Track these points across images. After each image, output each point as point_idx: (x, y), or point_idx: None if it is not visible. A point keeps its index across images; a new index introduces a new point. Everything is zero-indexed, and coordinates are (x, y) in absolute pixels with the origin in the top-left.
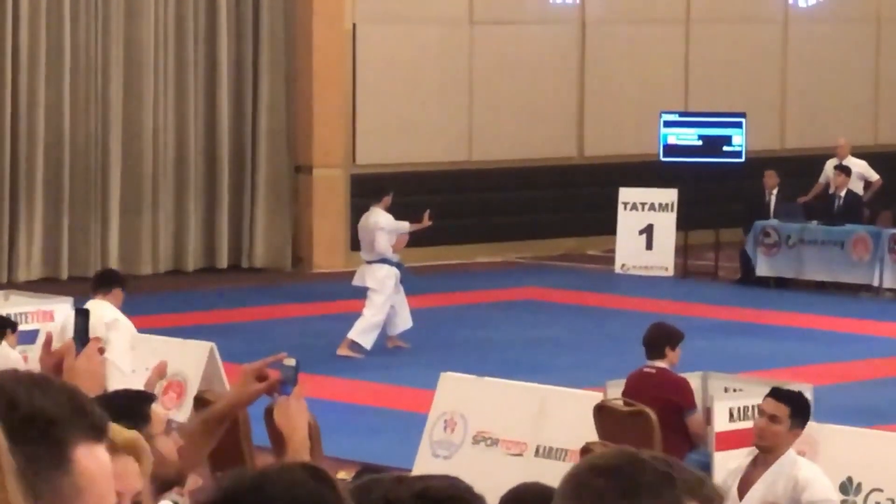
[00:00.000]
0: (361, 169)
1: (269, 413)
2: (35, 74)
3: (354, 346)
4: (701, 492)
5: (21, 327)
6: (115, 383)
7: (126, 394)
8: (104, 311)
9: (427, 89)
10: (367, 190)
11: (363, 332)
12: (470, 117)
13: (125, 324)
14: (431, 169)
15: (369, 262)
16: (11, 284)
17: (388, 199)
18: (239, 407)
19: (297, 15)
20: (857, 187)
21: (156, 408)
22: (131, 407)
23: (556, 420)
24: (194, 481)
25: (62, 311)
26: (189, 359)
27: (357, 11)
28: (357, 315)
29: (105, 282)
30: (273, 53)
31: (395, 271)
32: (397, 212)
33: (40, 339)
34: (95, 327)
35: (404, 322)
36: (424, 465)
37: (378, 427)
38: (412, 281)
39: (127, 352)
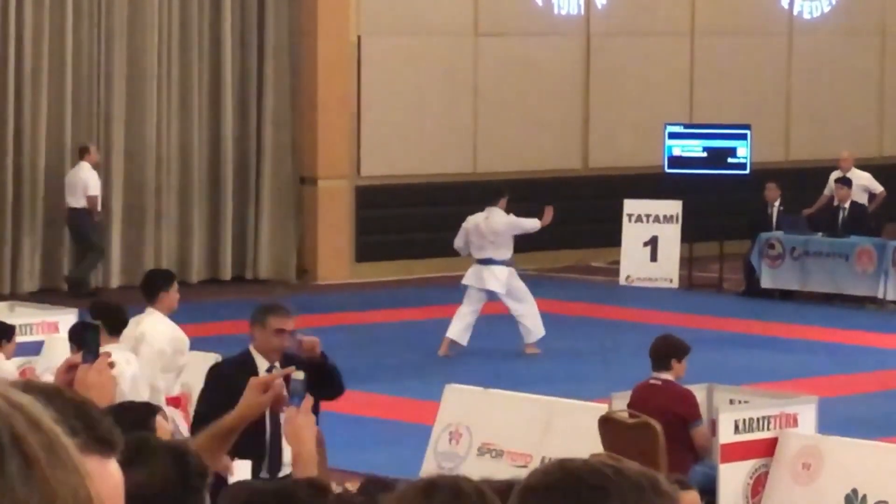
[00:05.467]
0: (366, 181)
1: None
2: (38, 86)
3: (535, 344)
4: (643, 500)
5: (25, 338)
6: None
7: (131, 406)
8: (138, 325)
9: (432, 101)
10: (371, 201)
11: (534, 327)
12: (474, 129)
13: (155, 337)
14: (436, 181)
15: (486, 264)
16: (15, 296)
17: (504, 201)
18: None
19: (302, 27)
20: (862, 199)
21: (160, 419)
22: (136, 418)
23: (561, 432)
24: None
25: (66, 322)
26: (195, 370)
27: (362, 24)
28: (361, 326)
29: (146, 291)
30: (278, 65)
31: (514, 271)
32: (402, 223)
33: (45, 352)
34: (128, 340)
35: (464, 332)
36: None
37: (383, 439)
38: (419, 292)
39: (154, 366)
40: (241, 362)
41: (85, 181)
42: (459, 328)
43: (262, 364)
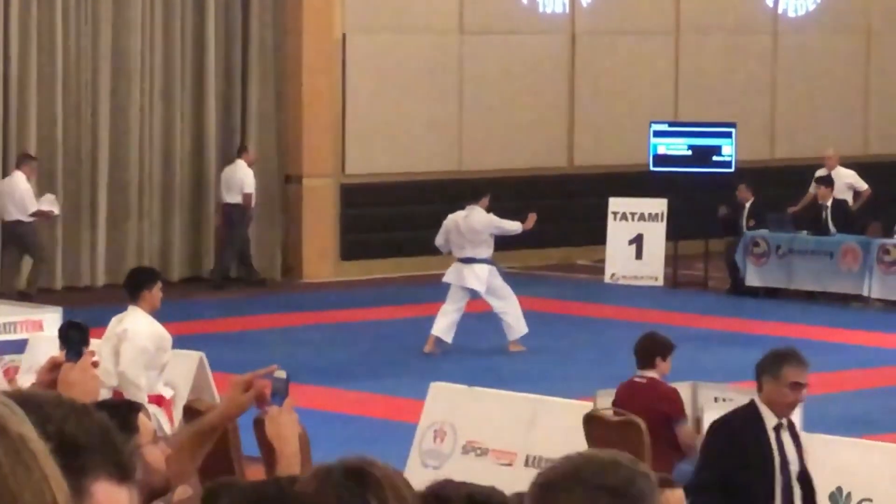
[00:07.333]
0: (351, 179)
1: (258, 423)
2: (26, 85)
3: (518, 341)
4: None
5: (10, 336)
6: (130, 397)
7: (113, 403)
8: (120, 322)
9: (417, 99)
10: (356, 200)
11: (516, 324)
12: (460, 127)
13: (137, 334)
14: (421, 179)
15: (467, 262)
16: (5, 295)
17: (485, 200)
18: (229, 418)
19: (287, 25)
20: (847, 197)
21: (143, 418)
22: (118, 417)
23: (545, 430)
24: (183, 491)
25: (51, 320)
26: (178, 368)
27: (346, 21)
28: (346, 324)
29: (129, 289)
30: (262, 63)
31: (494, 269)
32: (387, 221)
33: (29, 350)
34: (110, 338)
35: (449, 330)
36: (414, 475)
37: (368, 437)
38: (404, 291)
39: (137, 363)
40: (746, 416)
41: (242, 179)
42: (444, 325)
43: (769, 419)
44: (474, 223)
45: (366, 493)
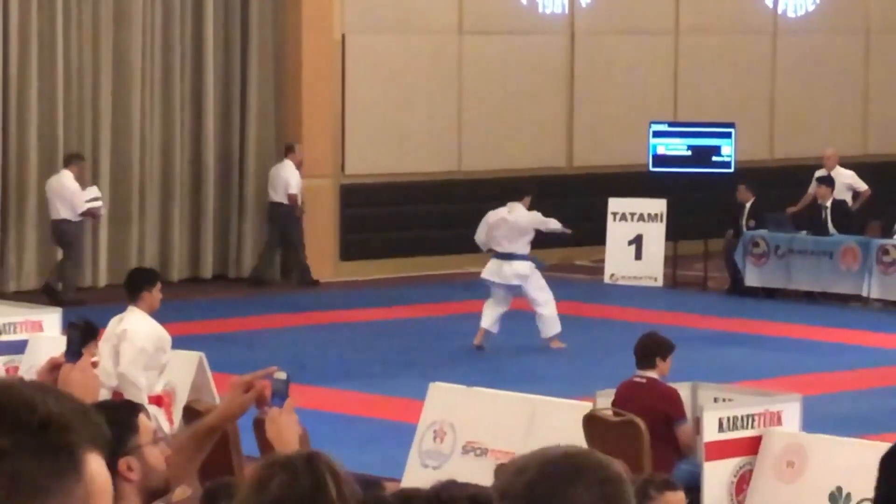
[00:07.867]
0: (351, 179)
1: (257, 424)
2: (26, 86)
3: (555, 339)
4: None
5: (9, 337)
6: (130, 398)
7: (113, 404)
8: (120, 323)
9: (416, 99)
10: (356, 200)
11: (551, 323)
12: (459, 127)
13: (136, 334)
14: (420, 179)
15: (507, 258)
16: (4, 296)
17: (527, 200)
18: (229, 420)
19: (286, 25)
20: (846, 197)
21: (143, 418)
22: (119, 417)
23: (545, 430)
24: (183, 491)
25: (50, 321)
26: (178, 369)
27: (346, 22)
28: (345, 325)
29: (129, 289)
30: (262, 63)
31: (533, 265)
32: (387, 221)
33: (29, 350)
34: (110, 339)
35: (495, 323)
36: (414, 475)
37: (367, 437)
38: (400, 291)
39: (136, 364)
40: None
41: (286, 179)
42: (490, 318)
43: None
44: (520, 219)
45: (319, 465)
